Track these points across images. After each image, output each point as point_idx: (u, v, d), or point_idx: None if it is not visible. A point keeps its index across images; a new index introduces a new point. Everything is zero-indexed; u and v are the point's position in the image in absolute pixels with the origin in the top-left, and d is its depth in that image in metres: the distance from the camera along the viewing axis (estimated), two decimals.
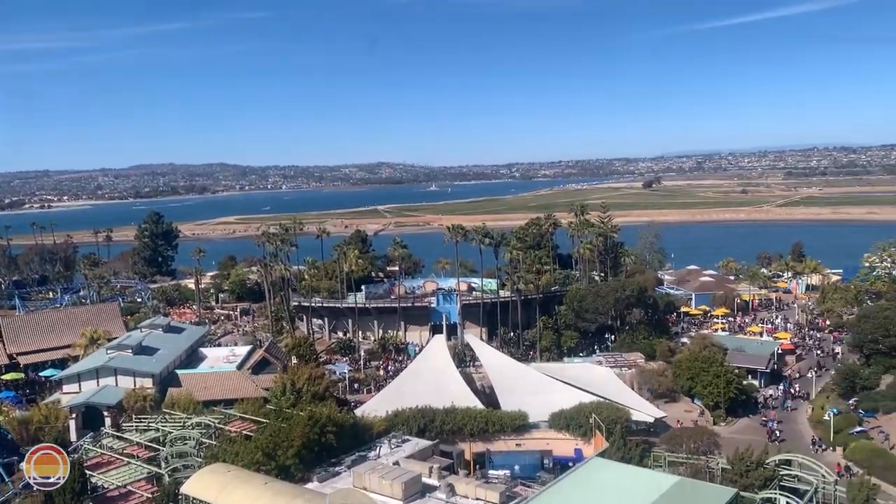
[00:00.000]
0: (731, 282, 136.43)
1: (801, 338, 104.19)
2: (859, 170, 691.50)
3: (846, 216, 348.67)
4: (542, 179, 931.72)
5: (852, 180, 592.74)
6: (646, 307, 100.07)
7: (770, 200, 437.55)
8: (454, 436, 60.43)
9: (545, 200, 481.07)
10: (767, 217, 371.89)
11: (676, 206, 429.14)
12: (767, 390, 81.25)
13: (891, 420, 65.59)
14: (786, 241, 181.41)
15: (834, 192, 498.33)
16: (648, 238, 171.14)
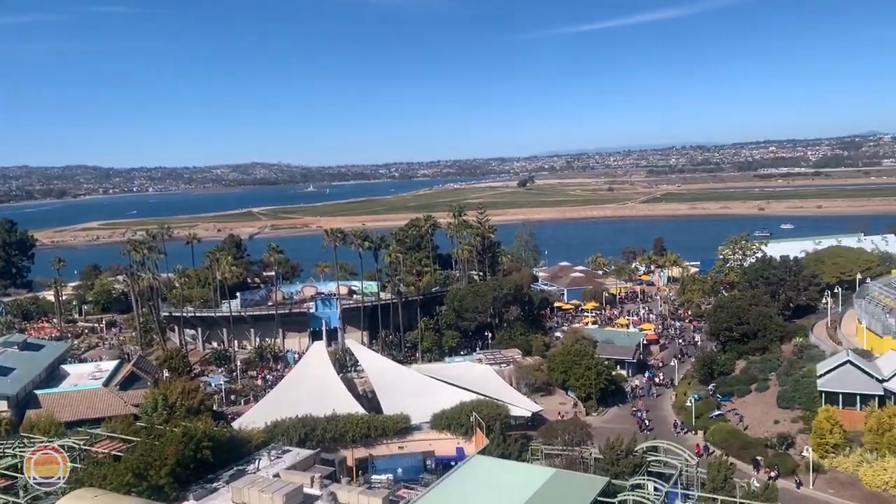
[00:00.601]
0: (599, 276, 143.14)
1: (664, 328, 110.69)
2: (713, 167, 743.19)
3: (703, 211, 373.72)
4: (421, 179, 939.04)
5: (707, 177, 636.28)
6: (522, 304, 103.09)
7: (634, 197, 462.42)
8: (336, 443, 59.91)
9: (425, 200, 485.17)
10: (632, 213, 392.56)
11: (549, 204, 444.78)
12: (634, 380, 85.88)
13: (744, 403, 70.96)
14: (649, 236, 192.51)
15: (691, 188, 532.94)
16: (523, 237, 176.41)
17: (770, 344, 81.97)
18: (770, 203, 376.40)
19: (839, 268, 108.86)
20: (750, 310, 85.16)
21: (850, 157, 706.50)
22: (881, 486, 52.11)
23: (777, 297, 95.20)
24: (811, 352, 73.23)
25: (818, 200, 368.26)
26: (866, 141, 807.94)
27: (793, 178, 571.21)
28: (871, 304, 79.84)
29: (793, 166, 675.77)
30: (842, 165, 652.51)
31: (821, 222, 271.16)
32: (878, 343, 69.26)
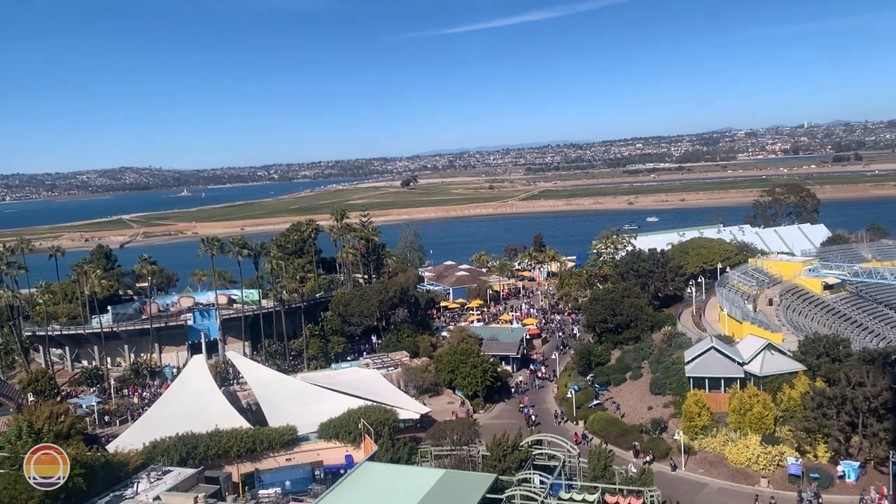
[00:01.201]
0: (483, 274, 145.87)
1: (545, 322, 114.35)
2: (585, 164, 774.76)
3: (578, 207, 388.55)
4: (302, 181, 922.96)
5: (580, 174, 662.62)
6: (409, 306, 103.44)
7: (514, 195, 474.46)
8: (220, 460, 57.98)
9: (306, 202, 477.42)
10: (513, 210, 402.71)
11: (433, 203, 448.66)
12: (518, 375, 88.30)
13: (620, 391, 74.60)
14: (530, 233, 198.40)
15: (566, 185, 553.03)
16: (408, 237, 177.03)
17: (642, 333, 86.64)
18: (638, 197, 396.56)
19: (702, 258, 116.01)
20: (623, 301, 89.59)
21: (709, 152, 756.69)
22: (744, 463, 56.21)
23: (647, 289, 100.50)
24: (679, 339, 77.86)
25: (682, 194, 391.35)
26: (723, 137, 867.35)
27: (658, 172, 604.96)
28: (730, 291, 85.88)
29: (658, 162, 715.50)
30: (702, 160, 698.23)
31: (685, 214, 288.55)
32: (738, 328, 74.55)
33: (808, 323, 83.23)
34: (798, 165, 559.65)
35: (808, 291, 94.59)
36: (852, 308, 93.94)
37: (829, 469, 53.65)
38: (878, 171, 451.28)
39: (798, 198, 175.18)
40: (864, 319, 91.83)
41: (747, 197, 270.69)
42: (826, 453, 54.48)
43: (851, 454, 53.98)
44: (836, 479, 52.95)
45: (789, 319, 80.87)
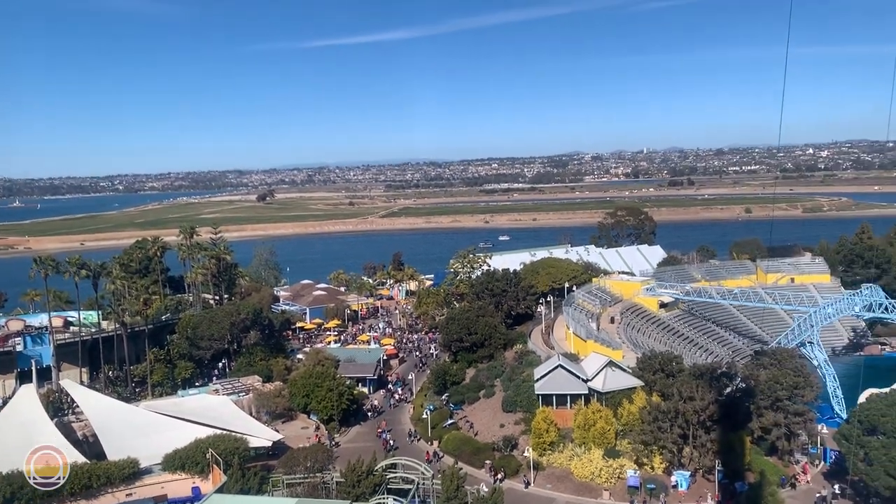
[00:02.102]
0: (341, 293, 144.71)
1: (403, 342, 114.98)
2: (445, 182, 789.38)
3: (437, 225, 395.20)
4: (149, 193, 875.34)
5: (440, 192, 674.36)
6: (262, 328, 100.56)
7: (374, 211, 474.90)
8: (52, 499, 53.53)
9: (154, 216, 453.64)
10: (372, 227, 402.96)
11: (290, 218, 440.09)
12: (375, 397, 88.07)
13: (474, 410, 76.27)
14: (389, 250, 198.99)
15: (426, 202, 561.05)
16: (263, 255, 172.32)
17: (496, 352, 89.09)
18: (494, 216, 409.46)
19: (551, 277, 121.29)
20: (478, 320, 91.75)
21: (559, 174, 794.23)
22: (589, 477, 59.12)
23: (501, 307, 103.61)
24: (530, 357, 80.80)
25: (534, 214, 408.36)
26: (572, 159, 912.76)
27: (512, 192, 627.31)
28: (576, 310, 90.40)
29: (513, 182, 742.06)
30: (552, 181, 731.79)
31: (537, 234, 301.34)
32: (582, 346, 78.49)
33: (646, 340, 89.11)
34: (638, 188, 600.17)
35: (645, 310, 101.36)
36: (684, 325, 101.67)
37: (664, 479, 57.54)
38: (708, 195, 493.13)
39: (637, 220, 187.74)
40: (694, 336, 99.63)
41: (593, 217, 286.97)
42: (661, 464, 58.44)
43: (683, 464, 58.17)
44: (671, 488, 56.85)
45: (629, 337, 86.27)
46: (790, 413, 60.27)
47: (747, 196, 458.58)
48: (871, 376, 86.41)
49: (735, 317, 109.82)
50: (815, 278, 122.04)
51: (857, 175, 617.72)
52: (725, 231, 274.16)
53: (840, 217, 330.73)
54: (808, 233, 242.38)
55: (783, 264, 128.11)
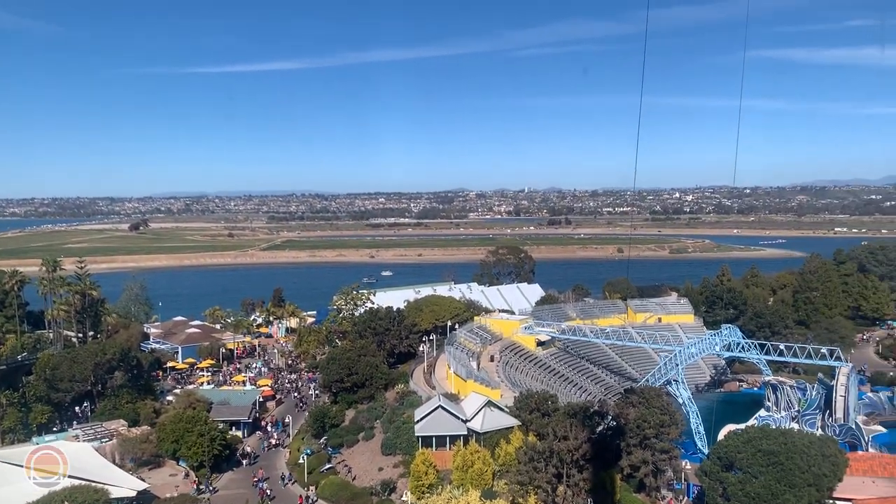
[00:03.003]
0: (217, 331, 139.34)
1: (280, 382, 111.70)
2: (330, 215, 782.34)
3: (321, 259, 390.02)
4: (10, 219, 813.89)
5: (325, 225, 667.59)
6: (129, 368, 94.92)
7: (255, 244, 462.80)
8: None
9: (15, 244, 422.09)
10: (253, 261, 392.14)
11: (165, 250, 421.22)
12: (249, 442, 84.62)
13: (353, 453, 74.96)
14: (270, 285, 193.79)
15: (310, 235, 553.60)
16: (134, 289, 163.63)
17: (377, 392, 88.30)
18: (380, 251, 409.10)
19: (435, 315, 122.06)
20: (359, 360, 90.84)
21: (445, 210, 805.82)
22: None
23: (383, 346, 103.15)
24: (411, 398, 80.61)
25: (419, 249, 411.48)
26: (457, 196, 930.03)
27: (399, 227, 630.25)
28: (457, 349, 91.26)
29: (399, 216, 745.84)
30: (438, 217, 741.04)
31: (421, 270, 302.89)
32: (463, 386, 79.21)
33: (524, 378, 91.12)
34: (520, 226, 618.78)
35: (524, 348, 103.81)
36: (560, 363, 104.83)
37: None
38: (584, 234, 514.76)
39: (518, 259, 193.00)
40: (569, 373, 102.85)
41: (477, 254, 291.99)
42: None
43: (558, 503, 59.32)
44: None
45: (508, 375, 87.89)
46: (657, 451, 63.01)
47: (620, 236, 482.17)
48: (731, 412, 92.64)
49: (607, 355, 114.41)
50: (681, 318, 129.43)
51: (719, 219, 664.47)
52: (600, 270, 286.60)
53: (703, 258, 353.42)
54: (675, 272, 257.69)
55: (651, 304, 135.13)
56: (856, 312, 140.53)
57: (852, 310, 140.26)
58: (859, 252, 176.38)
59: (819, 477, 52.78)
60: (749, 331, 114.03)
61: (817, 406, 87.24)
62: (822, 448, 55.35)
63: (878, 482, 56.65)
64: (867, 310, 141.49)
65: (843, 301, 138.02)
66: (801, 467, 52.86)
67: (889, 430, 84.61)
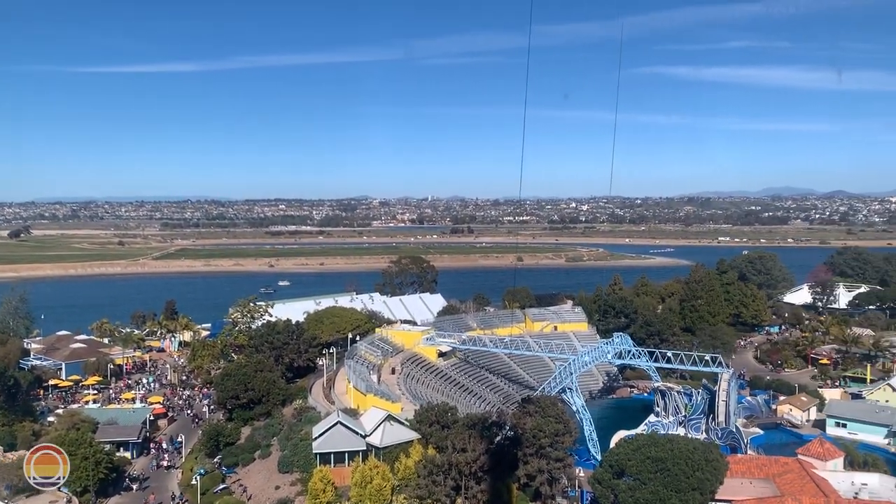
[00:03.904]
0: (105, 345, 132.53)
1: (173, 399, 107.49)
2: (227, 222, 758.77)
3: (217, 268, 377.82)
4: None
5: (221, 232, 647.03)
6: (6, 387, 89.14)
7: (147, 252, 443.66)
8: None
9: None
10: (145, 270, 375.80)
11: (49, 259, 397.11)
12: (137, 465, 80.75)
13: (248, 472, 73.05)
14: (162, 296, 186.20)
15: (206, 243, 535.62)
16: (13, 301, 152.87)
17: (274, 408, 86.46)
18: (280, 260, 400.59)
19: (335, 326, 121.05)
20: (256, 375, 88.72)
21: (348, 218, 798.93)
22: None
23: (281, 360, 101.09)
24: (309, 414, 79.39)
25: (321, 258, 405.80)
26: (360, 203, 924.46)
27: (300, 235, 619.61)
28: (357, 363, 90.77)
29: (300, 224, 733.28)
30: (340, 225, 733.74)
31: (323, 279, 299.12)
32: (363, 400, 78.73)
33: (425, 390, 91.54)
34: (423, 234, 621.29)
35: (425, 359, 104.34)
36: (461, 373, 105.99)
37: None
38: (486, 243, 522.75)
39: (420, 268, 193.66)
40: (470, 384, 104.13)
41: (380, 263, 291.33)
42: None
43: None
44: None
45: (409, 388, 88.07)
46: (552, 459, 64.60)
47: (520, 245, 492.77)
48: (623, 417, 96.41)
49: (506, 364, 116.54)
50: (575, 326, 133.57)
51: (612, 228, 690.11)
52: (501, 278, 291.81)
53: (598, 266, 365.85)
54: (571, 281, 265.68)
55: (548, 313, 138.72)
56: (736, 319, 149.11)
57: (733, 317, 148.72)
58: (740, 262, 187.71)
59: (702, 481, 55.69)
60: (639, 338, 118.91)
61: (702, 411, 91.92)
62: (705, 453, 58.42)
63: (754, 483, 60.21)
64: (747, 316, 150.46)
65: (725, 309, 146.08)
66: (687, 472, 55.61)
67: (766, 431, 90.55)
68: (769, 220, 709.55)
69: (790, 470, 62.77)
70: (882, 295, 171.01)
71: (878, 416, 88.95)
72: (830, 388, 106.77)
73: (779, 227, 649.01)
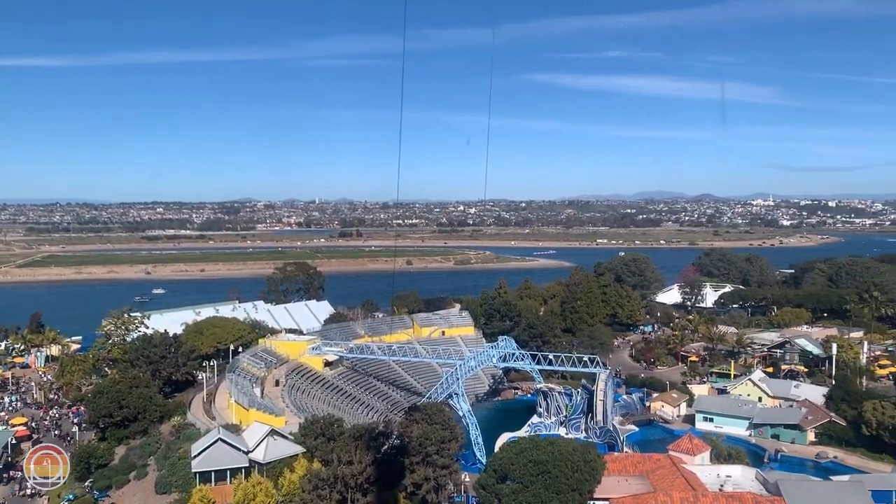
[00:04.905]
0: None
1: (39, 419, 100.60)
2: (100, 227, 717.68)
3: (89, 276, 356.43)
4: None
5: (94, 237, 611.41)
6: None
7: (10, 260, 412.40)
8: None
9: None
10: (7, 279, 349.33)
11: None
12: None
13: (123, 495, 69.54)
14: (28, 308, 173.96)
15: (77, 249, 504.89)
16: None
17: (150, 426, 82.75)
18: (157, 267, 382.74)
19: (216, 338, 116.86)
20: (131, 392, 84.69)
21: (230, 221, 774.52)
22: None
23: (158, 375, 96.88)
24: (188, 431, 76.52)
25: (202, 264, 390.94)
26: (244, 206, 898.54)
27: (179, 240, 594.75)
28: (239, 376, 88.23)
29: (179, 228, 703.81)
30: (223, 229, 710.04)
31: (204, 286, 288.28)
32: (245, 415, 76.66)
33: (311, 402, 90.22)
34: (310, 238, 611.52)
35: (311, 370, 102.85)
36: (348, 382, 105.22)
37: None
38: (375, 246, 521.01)
39: (306, 274, 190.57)
40: (358, 393, 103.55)
41: (265, 269, 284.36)
42: None
43: None
44: None
45: (293, 400, 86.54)
46: (438, 467, 65.27)
47: (409, 248, 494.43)
48: (508, 419, 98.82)
49: (395, 371, 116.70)
50: (462, 330, 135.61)
51: (499, 230, 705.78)
52: (390, 282, 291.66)
53: (485, 269, 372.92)
54: (459, 284, 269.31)
55: (436, 318, 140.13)
56: (613, 319, 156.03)
57: (610, 317, 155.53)
58: (616, 264, 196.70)
59: (581, 482, 57.97)
60: (523, 341, 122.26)
61: (581, 410, 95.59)
62: (584, 454, 60.84)
63: (630, 480, 63.20)
64: (623, 317, 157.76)
65: (602, 309, 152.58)
66: (566, 474, 57.70)
67: (641, 428, 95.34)
68: (643, 222, 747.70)
69: (662, 466, 66.31)
70: (744, 294, 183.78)
71: (740, 410, 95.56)
72: (699, 385, 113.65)
73: (652, 229, 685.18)
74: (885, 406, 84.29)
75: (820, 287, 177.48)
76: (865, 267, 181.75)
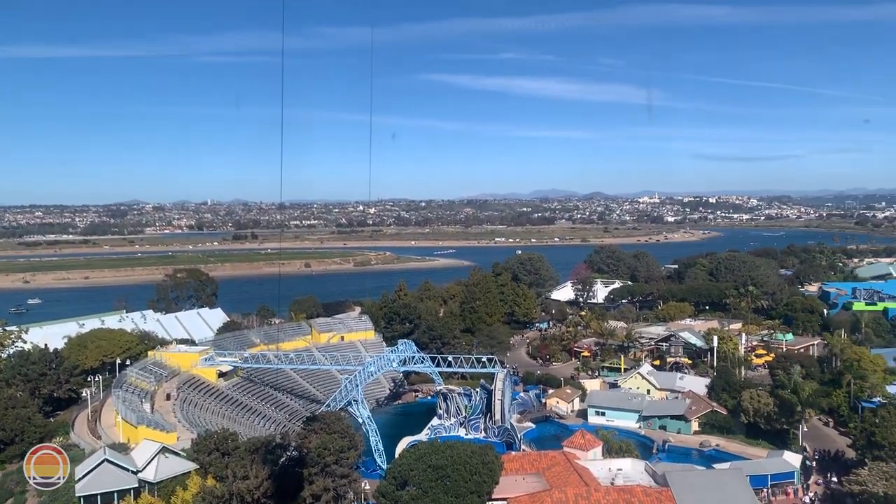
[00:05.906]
0: None
1: None
2: None
3: None
4: None
5: None
6: None
7: None
8: None
9: None
10: None
11: None
12: None
13: None
14: None
15: None
16: None
17: (29, 449, 77.56)
18: (37, 275, 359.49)
19: (102, 351, 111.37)
20: (7, 413, 79.66)
21: (117, 225, 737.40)
22: None
23: (38, 394, 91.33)
24: (72, 452, 72.19)
25: (86, 271, 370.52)
26: (131, 209, 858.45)
27: (61, 245, 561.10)
28: (127, 391, 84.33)
29: (61, 233, 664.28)
30: (108, 233, 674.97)
31: (89, 295, 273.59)
32: (134, 433, 73.43)
33: (205, 416, 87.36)
34: (202, 241, 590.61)
35: (204, 381, 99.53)
36: (244, 393, 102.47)
37: None
38: (270, 249, 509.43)
39: (198, 281, 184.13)
40: (254, 403, 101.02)
41: (155, 275, 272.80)
42: None
43: None
44: None
45: (186, 415, 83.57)
46: (337, 476, 64.74)
47: (307, 250, 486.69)
48: (409, 423, 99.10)
49: (293, 379, 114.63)
50: (362, 335, 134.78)
51: (399, 230, 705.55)
52: (289, 285, 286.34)
53: (385, 270, 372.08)
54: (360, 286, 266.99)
55: (334, 322, 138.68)
56: (510, 318, 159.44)
57: (508, 315, 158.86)
58: (513, 263, 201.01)
59: (480, 484, 58.93)
60: (423, 343, 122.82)
61: (481, 410, 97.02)
62: (482, 456, 61.85)
63: (527, 479, 64.72)
64: (520, 315, 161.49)
65: (500, 308, 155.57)
66: (465, 477, 58.50)
67: (537, 425, 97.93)
68: (538, 220, 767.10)
69: (557, 463, 68.31)
70: (632, 290, 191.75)
71: (630, 403, 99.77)
72: (591, 379, 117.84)
73: (547, 227, 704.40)
74: (761, 394, 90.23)
75: (701, 282, 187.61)
76: (742, 262, 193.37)
